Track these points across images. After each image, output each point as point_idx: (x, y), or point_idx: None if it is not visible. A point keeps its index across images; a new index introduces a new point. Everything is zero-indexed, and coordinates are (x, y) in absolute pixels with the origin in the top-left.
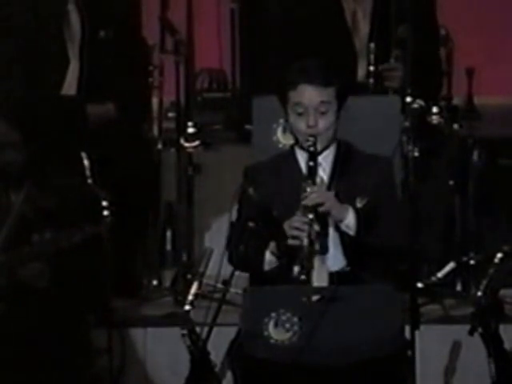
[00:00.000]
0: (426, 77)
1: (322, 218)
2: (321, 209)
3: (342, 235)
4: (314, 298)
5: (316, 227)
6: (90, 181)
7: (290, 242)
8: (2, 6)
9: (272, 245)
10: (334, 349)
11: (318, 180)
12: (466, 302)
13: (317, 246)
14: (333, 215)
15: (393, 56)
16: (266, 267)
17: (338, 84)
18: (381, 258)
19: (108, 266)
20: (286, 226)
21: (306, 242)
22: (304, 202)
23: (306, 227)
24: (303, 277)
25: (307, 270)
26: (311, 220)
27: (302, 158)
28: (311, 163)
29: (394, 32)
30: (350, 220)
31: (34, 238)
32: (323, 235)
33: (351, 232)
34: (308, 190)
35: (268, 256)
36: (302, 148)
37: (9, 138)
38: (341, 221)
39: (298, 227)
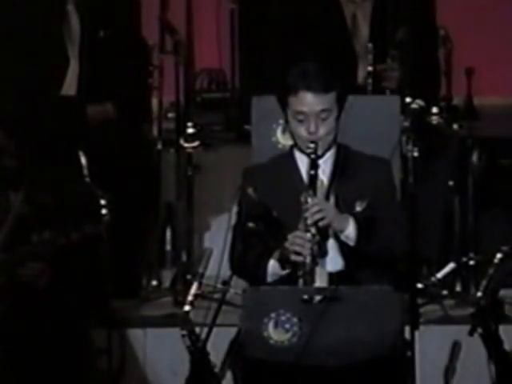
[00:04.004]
0: (425, 77)
1: (323, 230)
2: (321, 223)
3: (342, 242)
4: (316, 298)
5: (317, 238)
6: (87, 180)
7: (293, 257)
8: (2, 7)
9: (276, 253)
10: (333, 349)
11: (318, 183)
12: (465, 302)
13: (318, 255)
14: (333, 226)
15: (390, 56)
16: (269, 279)
17: (338, 89)
18: (380, 260)
19: (107, 264)
20: (289, 238)
21: (308, 259)
22: (305, 215)
23: (308, 244)
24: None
25: (309, 284)
26: (313, 235)
27: (301, 159)
28: (312, 171)
29: (391, 32)
30: (350, 231)
31: (33, 238)
32: (322, 239)
33: (351, 242)
34: (309, 200)
35: (271, 268)
36: (302, 150)
37: (7, 138)
38: (341, 231)
39: (300, 244)
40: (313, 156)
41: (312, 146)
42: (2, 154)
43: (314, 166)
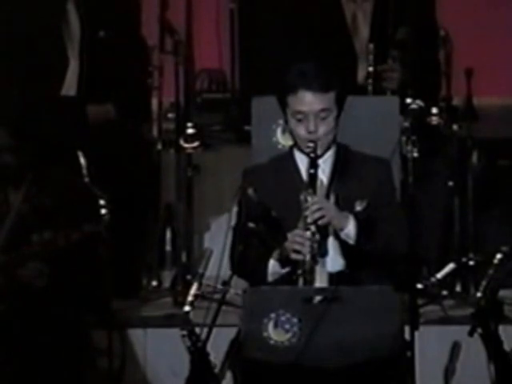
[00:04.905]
0: (425, 78)
1: (323, 228)
2: (321, 221)
3: (342, 241)
4: (316, 299)
5: (317, 236)
6: (86, 179)
7: (293, 256)
8: (2, 7)
9: (276, 252)
10: (333, 350)
11: (318, 183)
12: (465, 302)
13: (317, 254)
14: (333, 225)
15: (390, 57)
16: (270, 278)
17: (337, 88)
18: (380, 261)
19: (107, 265)
20: (289, 236)
21: (308, 257)
22: (305, 214)
23: (308, 243)
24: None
25: (309, 283)
26: (313, 233)
27: (300, 159)
28: (312, 170)
29: (391, 33)
30: (350, 229)
31: (33, 238)
32: (323, 239)
33: (351, 241)
34: (309, 199)
35: (271, 267)
36: (301, 150)
37: (7, 138)
38: (341, 230)
39: (300, 242)
40: (312, 155)
41: (311, 145)
42: (4, 152)
43: (313, 164)
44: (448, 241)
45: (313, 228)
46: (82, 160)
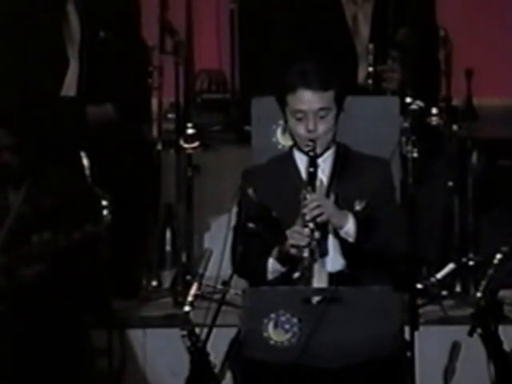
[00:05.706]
0: (425, 78)
1: (322, 226)
2: (320, 219)
3: (342, 240)
4: (315, 299)
5: (316, 234)
6: (89, 180)
7: (292, 251)
8: (1, 7)
9: (275, 250)
10: (333, 350)
11: (317, 182)
12: (465, 302)
13: (317, 252)
14: (332, 223)
15: (390, 57)
16: (270, 276)
17: (337, 87)
18: (380, 260)
19: (107, 265)
20: (288, 233)
21: (306, 252)
22: (304, 211)
23: (306, 239)
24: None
25: (307, 279)
26: (312, 230)
27: (300, 159)
28: (311, 169)
29: (391, 33)
30: (349, 227)
31: (34, 239)
32: (322, 238)
33: (350, 239)
34: (308, 197)
35: (271, 265)
36: (301, 150)
37: (7, 139)
38: (340, 228)
39: (298, 238)
40: (311, 154)
41: (311, 143)
42: (4, 152)
43: (312, 163)
44: (448, 241)
45: (311, 225)
46: (85, 161)
